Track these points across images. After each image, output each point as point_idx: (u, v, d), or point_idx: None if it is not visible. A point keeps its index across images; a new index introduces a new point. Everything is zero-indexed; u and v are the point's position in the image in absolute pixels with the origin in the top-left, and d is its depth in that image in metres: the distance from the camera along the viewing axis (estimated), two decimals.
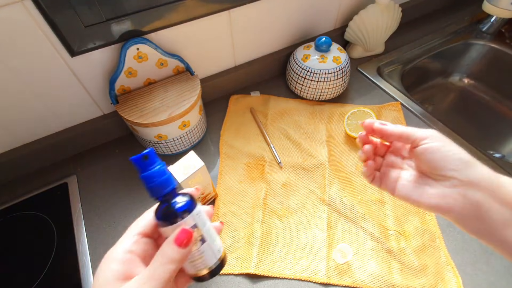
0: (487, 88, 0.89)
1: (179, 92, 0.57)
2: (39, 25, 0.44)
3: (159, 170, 0.23)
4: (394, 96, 0.71)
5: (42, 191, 0.57)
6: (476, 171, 0.25)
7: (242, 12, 0.61)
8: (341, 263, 0.46)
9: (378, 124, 0.29)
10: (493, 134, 0.83)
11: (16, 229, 0.53)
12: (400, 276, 0.45)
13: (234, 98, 0.73)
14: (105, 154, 0.63)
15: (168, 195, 0.24)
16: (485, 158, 0.58)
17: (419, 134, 0.27)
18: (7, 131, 0.54)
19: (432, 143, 0.26)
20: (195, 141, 0.63)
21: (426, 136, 0.26)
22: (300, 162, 0.59)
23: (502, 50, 0.83)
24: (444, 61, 0.88)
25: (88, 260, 0.49)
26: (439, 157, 0.25)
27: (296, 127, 0.66)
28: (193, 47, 0.61)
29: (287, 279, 0.46)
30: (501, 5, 0.78)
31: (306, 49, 0.68)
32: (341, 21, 0.80)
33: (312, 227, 0.51)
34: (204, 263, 0.24)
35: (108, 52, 0.53)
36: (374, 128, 0.30)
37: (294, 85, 0.70)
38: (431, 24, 0.90)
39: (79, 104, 0.57)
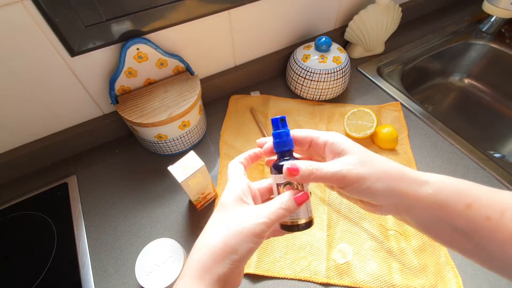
0: (487, 88, 0.89)
1: (179, 92, 0.57)
2: (39, 25, 0.44)
3: (286, 132, 0.29)
4: (394, 96, 0.71)
5: (42, 191, 0.57)
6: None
7: (242, 12, 0.61)
8: (341, 263, 0.46)
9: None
10: (493, 134, 0.83)
11: (16, 229, 0.53)
12: (400, 276, 0.45)
13: (234, 98, 0.73)
14: (105, 154, 0.63)
15: (286, 153, 0.29)
16: (485, 158, 0.58)
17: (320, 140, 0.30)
18: (7, 131, 0.54)
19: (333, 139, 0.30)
20: (195, 141, 0.63)
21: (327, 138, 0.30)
22: None
23: (502, 50, 0.83)
24: (444, 61, 0.88)
25: (88, 260, 0.49)
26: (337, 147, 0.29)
27: (296, 127, 0.66)
28: (193, 47, 0.61)
29: (287, 279, 0.46)
30: (501, 5, 0.78)
31: (306, 49, 0.68)
32: (341, 21, 0.80)
33: (312, 227, 0.51)
34: (299, 216, 0.29)
35: (108, 52, 0.53)
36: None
37: (294, 85, 0.70)
38: (431, 24, 0.90)
39: (79, 104, 0.57)
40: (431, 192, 0.27)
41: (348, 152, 0.28)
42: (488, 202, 0.26)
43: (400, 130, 0.64)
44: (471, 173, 0.56)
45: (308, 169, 0.27)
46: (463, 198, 0.26)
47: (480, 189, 0.27)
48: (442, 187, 0.27)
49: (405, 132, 0.64)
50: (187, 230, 0.51)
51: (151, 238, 0.48)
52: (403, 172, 0.28)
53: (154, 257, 0.43)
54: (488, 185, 0.56)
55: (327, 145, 0.30)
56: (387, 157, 0.60)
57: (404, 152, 0.61)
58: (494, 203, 0.26)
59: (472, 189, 0.27)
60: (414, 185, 0.27)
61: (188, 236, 0.51)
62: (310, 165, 0.27)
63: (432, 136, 0.63)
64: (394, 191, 0.27)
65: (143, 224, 0.52)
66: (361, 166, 0.27)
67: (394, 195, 0.27)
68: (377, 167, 0.27)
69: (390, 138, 0.59)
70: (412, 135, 0.63)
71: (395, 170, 0.27)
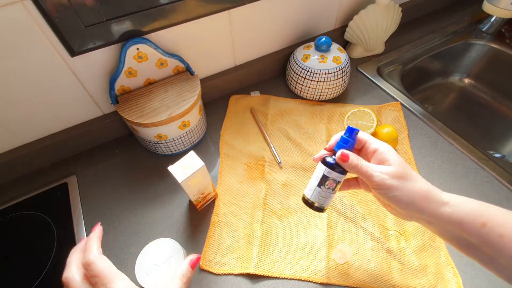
0: (487, 88, 0.89)
1: (179, 92, 0.57)
2: (39, 25, 0.44)
3: (352, 143, 0.37)
4: (394, 96, 0.71)
5: (42, 191, 0.57)
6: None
7: (242, 12, 0.61)
8: (341, 263, 0.46)
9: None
10: (493, 134, 0.83)
11: (16, 229, 0.53)
12: (400, 276, 0.45)
13: (234, 98, 0.73)
14: (105, 154, 0.63)
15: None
16: (485, 158, 0.58)
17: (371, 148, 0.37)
18: (7, 131, 0.54)
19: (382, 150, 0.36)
20: (195, 141, 0.63)
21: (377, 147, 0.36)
22: (300, 162, 0.59)
23: (502, 50, 0.83)
24: (444, 61, 0.88)
25: None
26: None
27: (296, 127, 0.66)
28: (193, 47, 0.61)
29: (287, 279, 0.46)
30: (501, 5, 0.78)
31: (306, 49, 0.68)
32: (341, 21, 0.80)
33: (312, 227, 0.51)
34: (322, 203, 0.39)
35: (108, 52, 0.53)
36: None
37: (294, 85, 0.70)
38: (431, 24, 0.90)
39: (79, 104, 0.57)
40: (450, 211, 0.32)
41: (392, 164, 0.34)
42: (502, 221, 0.30)
43: (400, 130, 0.64)
44: (471, 173, 0.56)
45: (355, 161, 0.35)
46: (479, 217, 0.31)
47: (495, 209, 0.32)
48: (460, 208, 0.32)
49: (405, 132, 0.64)
50: (187, 230, 0.51)
51: (151, 238, 0.48)
52: (429, 191, 0.33)
53: (154, 257, 0.43)
54: (488, 185, 0.56)
55: (377, 152, 0.36)
56: None
57: (404, 152, 0.61)
58: (507, 223, 0.30)
59: (487, 210, 0.31)
60: (435, 204, 0.32)
61: (188, 236, 0.51)
62: (358, 159, 0.35)
63: (432, 136, 0.63)
64: (416, 206, 0.33)
65: (143, 224, 0.52)
66: (396, 178, 0.33)
67: (416, 209, 0.33)
68: (408, 183, 0.33)
69: (390, 138, 0.59)
70: (412, 135, 0.64)
71: (422, 189, 0.33)
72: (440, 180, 0.56)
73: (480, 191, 0.54)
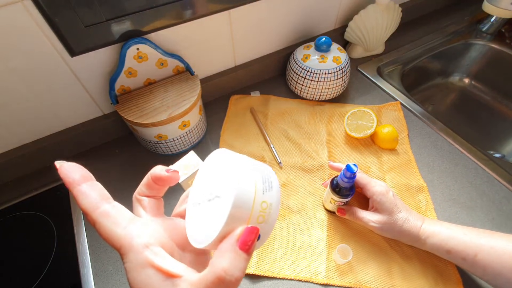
0: (487, 88, 0.89)
1: (179, 92, 0.57)
2: (39, 25, 0.44)
3: (352, 186, 0.47)
4: (394, 96, 0.71)
5: (42, 191, 0.57)
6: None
7: (242, 12, 0.61)
8: (341, 264, 0.46)
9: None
10: (493, 134, 0.83)
11: (16, 229, 0.53)
12: (400, 277, 0.45)
13: (234, 98, 0.73)
14: (105, 154, 0.63)
15: (345, 189, 0.46)
16: (485, 158, 0.58)
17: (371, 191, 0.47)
18: (7, 131, 0.54)
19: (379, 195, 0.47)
20: (195, 141, 0.63)
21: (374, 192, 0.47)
22: (300, 163, 0.59)
23: (502, 50, 0.83)
24: (444, 61, 0.88)
25: (88, 260, 0.49)
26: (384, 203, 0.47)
27: (296, 127, 0.66)
28: (193, 47, 0.61)
29: (287, 279, 0.46)
30: (501, 5, 0.78)
31: (306, 49, 0.68)
32: (341, 21, 0.80)
33: (312, 228, 0.51)
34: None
35: (108, 52, 0.53)
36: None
37: (294, 85, 0.70)
38: (431, 24, 0.90)
39: (79, 104, 0.57)
40: (423, 243, 0.44)
41: (383, 212, 0.46)
42: (463, 247, 0.40)
43: (400, 130, 0.64)
44: (471, 173, 0.56)
45: (350, 216, 0.48)
46: (444, 246, 0.42)
47: (461, 234, 0.41)
48: (432, 240, 0.43)
49: (405, 132, 0.64)
50: None
51: None
52: (410, 232, 0.44)
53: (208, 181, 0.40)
54: (488, 185, 0.56)
55: (371, 199, 0.47)
56: (387, 157, 0.60)
57: (404, 152, 0.61)
58: (468, 248, 0.40)
59: (453, 237, 0.41)
60: (415, 239, 0.44)
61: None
62: (353, 213, 0.48)
63: (432, 136, 0.63)
64: (400, 240, 0.46)
65: None
66: (386, 224, 0.45)
67: (400, 240, 0.47)
68: (395, 227, 0.44)
69: (390, 138, 0.59)
70: (412, 135, 0.64)
71: (405, 231, 0.44)
72: (440, 180, 0.56)
73: (480, 191, 0.54)
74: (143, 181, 0.23)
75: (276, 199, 0.20)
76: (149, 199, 0.22)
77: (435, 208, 0.52)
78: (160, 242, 0.19)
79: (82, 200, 0.18)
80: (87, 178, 0.19)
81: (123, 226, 0.18)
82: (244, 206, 0.18)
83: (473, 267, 0.40)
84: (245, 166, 0.20)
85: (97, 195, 0.19)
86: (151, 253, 0.17)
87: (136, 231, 0.18)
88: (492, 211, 0.51)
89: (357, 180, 0.48)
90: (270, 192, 0.20)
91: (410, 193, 0.54)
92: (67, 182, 0.18)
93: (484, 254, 0.38)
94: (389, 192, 0.46)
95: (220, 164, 0.21)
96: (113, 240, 0.18)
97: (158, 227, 0.20)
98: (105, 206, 0.18)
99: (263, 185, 0.20)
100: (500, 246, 0.38)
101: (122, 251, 0.17)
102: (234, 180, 0.18)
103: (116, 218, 0.18)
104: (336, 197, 0.47)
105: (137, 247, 0.17)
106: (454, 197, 0.54)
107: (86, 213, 0.18)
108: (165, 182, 0.22)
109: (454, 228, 0.42)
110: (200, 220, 0.20)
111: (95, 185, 0.19)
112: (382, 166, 0.59)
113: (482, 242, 0.39)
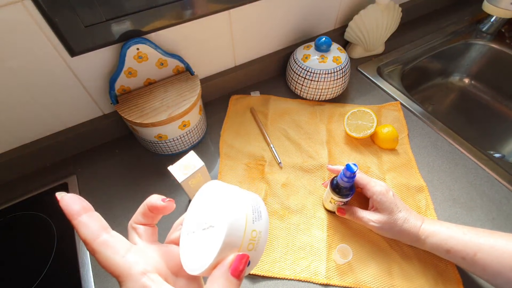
0: (487, 88, 0.89)
1: (179, 92, 0.57)
2: (39, 25, 0.44)
3: (352, 186, 0.46)
4: (394, 96, 0.71)
5: (42, 191, 0.57)
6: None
7: (242, 12, 0.61)
8: (341, 264, 0.46)
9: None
10: (493, 134, 0.83)
11: (16, 229, 0.53)
12: (400, 277, 0.45)
13: (234, 98, 0.73)
14: (105, 154, 0.63)
15: (345, 189, 0.46)
16: (485, 158, 0.58)
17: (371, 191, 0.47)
18: (7, 131, 0.54)
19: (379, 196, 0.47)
20: (195, 141, 0.63)
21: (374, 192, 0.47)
22: (300, 163, 0.59)
23: (502, 50, 0.83)
24: (444, 61, 0.88)
25: (88, 260, 0.49)
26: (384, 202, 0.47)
27: (296, 127, 0.66)
28: (193, 47, 0.61)
29: (287, 279, 0.46)
30: (501, 5, 0.78)
31: (306, 49, 0.68)
32: (341, 21, 0.80)
33: (312, 228, 0.51)
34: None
35: (108, 52, 0.53)
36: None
37: (294, 85, 0.70)
38: (431, 24, 0.90)
39: (79, 104, 0.57)
40: (423, 243, 0.44)
41: (383, 211, 0.46)
42: (462, 246, 0.40)
43: (400, 130, 0.64)
44: (471, 173, 0.56)
45: (350, 216, 0.48)
46: (444, 246, 0.42)
47: (461, 234, 0.41)
48: (431, 240, 0.43)
49: (405, 132, 0.64)
50: None
51: None
52: (410, 232, 0.44)
53: (203, 211, 0.41)
54: (488, 185, 0.56)
55: (371, 198, 0.47)
56: (387, 157, 0.60)
57: (404, 152, 0.61)
58: (467, 247, 0.40)
59: (452, 237, 0.42)
60: (414, 239, 0.44)
61: None
62: (353, 213, 0.48)
63: (432, 136, 0.63)
64: (400, 240, 0.46)
65: None
66: (386, 224, 0.45)
67: (400, 240, 0.47)
68: (395, 227, 0.45)
69: (390, 138, 0.59)
70: (412, 135, 0.64)
71: (405, 231, 0.44)
72: (440, 180, 0.56)
73: (480, 191, 0.54)
74: (139, 209, 0.24)
75: (264, 227, 0.22)
76: (145, 227, 0.24)
77: (435, 208, 0.52)
78: (156, 268, 0.20)
79: (83, 231, 0.19)
80: (86, 209, 0.20)
81: (121, 254, 0.19)
82: (236, 235, 0.20)
83: (473, 266, 0.40)
84: (237, 198, 0.22)
85: (96, 225, 0.20)
86: (148, 279, 0.19)
87: (134, 259, 0.19)
88: (492, 211, 0.51)
89: (357, 180, 0.48)
90: (259, 221, 0.21)
91: (410, 193, 0.54)
92: (68, 213, 0.19)
93: (483, 254, 0.39)
94: (389, 192, 0.46)
95: (213, 195, 0.23)
96: (113, 268, 0.19)
97: (154, 254, 0.21)
98: (104, 236, 0.19)
99: (253, 215, 0.21)
100: (499, 245, 0.38)
101: (121, 279, 0.18)
102: (227, 211, 0.20)
103: (114, 247, 0.19)
104: (336, 197, 0.47)
105: (135, 275, 0.18)
106: (454, 197, 0.54)
107: (86, 243, 0.19)
108: (160, 211, 0.23)
109: (454, 228, 0.42)
110: (194, 247, 0.22)
111: (95, 215, 0.20)
112: (382, 166, 0.59)
113: (482, 241, 0.40)
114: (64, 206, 0.19)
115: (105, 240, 0.19)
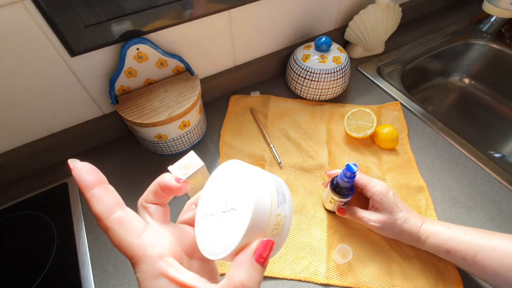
0: (487, 88, 0.89)
1: (179, 92, 0.57)
2: (39, 25, 0.44)
3: (352, 186, 0.47)
4: (394, 96, 0.71)
5: (42, 191, 0.57)
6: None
7: (242, 12, 0.61)
8: (341, 264, 0.46)
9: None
10: (493, 134, 0.83)
11: (16, 229, 0.53)
12: (400, 277, 0.45)
13: (234, 98, 0.73)
14: (105, 154, 0.63)
15: (345, 189, 0.46)
16: (485, 158, 0.58)
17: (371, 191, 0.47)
18: (7, 131, 0.54)
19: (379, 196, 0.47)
20: (195, 141, 0.63)
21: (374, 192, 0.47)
22: (300, 163, 0.59)
23: (502, 50, 0.83)
24: (444, 61, 0.88)
25: (88, 260, 0.49)
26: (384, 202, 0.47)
27: (296, 127, 0.66)
28: (193, 47, 0.61)
29: (287, 279, 0.46)
30: (501, 5, 0.78)
31: (306, 49, 0.68)
32: (341, 21, 0.80)
33: (312, 228, 0.51)
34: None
35: (108, 52, 0.53)
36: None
37: (294, 85, 0.70)
38: (431, 24, 0.90)
39: (79, 104, 0.57)
40: (423, 243, 0.44)
41: (383, 211, 0.46)
42: (463, 247, 0.40)
43: (400, 130, 0.64)
44: (471, 173, 0.56)
45: (350, 216, 0.48)
46: (444, 246, 0.42)
47: (459, 236, 0.41)
48: (432, 240, 0.43)
49: (405, 132, 0.64)
50: None
51: None
52: (410, 232, 0.44)
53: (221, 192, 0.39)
54: (488, 185, 0.56)
55: (371, 199, 0.47)
56: (387, 157, 0.60)
57: (404, 152, 0.61)
58: (468, 248, 0.40)
59: (452, 237, 0.42)
60: (414, 239, 0.44)
61: None
62: (353, 213, 0.48)
63: (432, 136, 0.63)
64: (400, 240, 0.47)
65: None
66: (386, 223, 0.45)
67: (400, 240, 0.47)
68: (395, 226, 0.45)
69: (390, 138, 0.59)
70: (412, 135, 0.64)
71: (405, 230, 0.44)
72: (440, 180, 0.56)
73: (480, 191, 0.54)
74: (150, 188, 0.22)
75: (289, 211, 0.20)
76: (156, 206, 0.22)
77: (435, 208, 0.52)
78: (172, 251, 0.19)
79: (96, 205, 0.17)
80: (100, 182, 0.18)
81: (136, 235, 0.18)
82: (261, 219, 0.18)
83: (473, 267, 0.40)
84: (261, 179, 0.20)
85: (111, 200, 0.18)
86: (165, 264, 0.17)
87: (150, 241, 0.18)
88: (492, 211, 0.51)
89: (357, 180, 0.48)
90: (284, 205, 0.20)
91: (410, 193, 0.54)
92: (81, 185, 0.18)
93: (483, 254, 0.39)
94: (389, 192, 0.46)
95: (233, 176, 0.21)
96: (126, 249, 0.17)
97: (169, 236, 0.20)
98: (119, 212, 0.18)
99: (278, 198, 0.19)
100: (500, 246, 0.38)
101: (134, 260, 0.17)
102: (252, 194, 0.18)
103: (129, 226, 0.18)
104: (336, 197, 0.47)
105: (151, 258, 0.17)
106: (454, 197, 0.54)
107: (99, 219, 0.17)
108: (174, 191, 0.21)
109: (454, 228, 0.42)
110: (213, 231, 0.20)
111: (109, 189, 0.18)
112: (382, 166, 0.59)
113: (482, 242, 0.39)
114: (77, 176, 0.17)
115: (120, 217, 0.18)
